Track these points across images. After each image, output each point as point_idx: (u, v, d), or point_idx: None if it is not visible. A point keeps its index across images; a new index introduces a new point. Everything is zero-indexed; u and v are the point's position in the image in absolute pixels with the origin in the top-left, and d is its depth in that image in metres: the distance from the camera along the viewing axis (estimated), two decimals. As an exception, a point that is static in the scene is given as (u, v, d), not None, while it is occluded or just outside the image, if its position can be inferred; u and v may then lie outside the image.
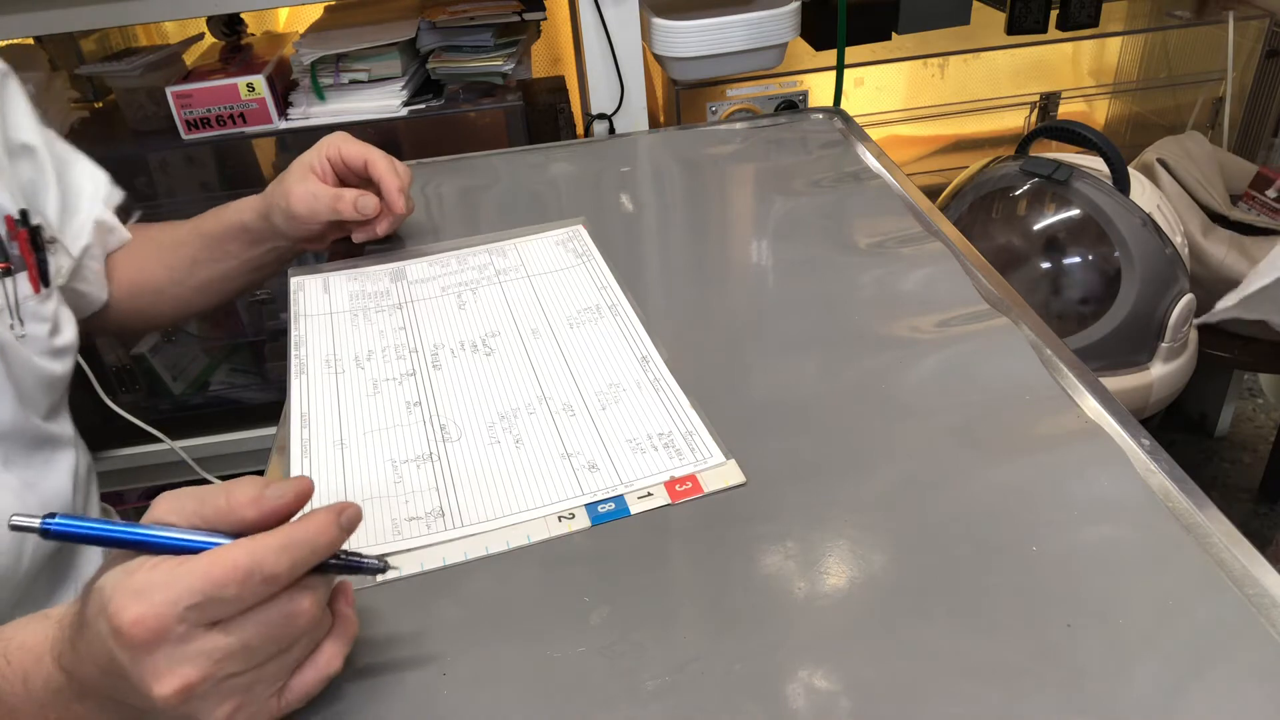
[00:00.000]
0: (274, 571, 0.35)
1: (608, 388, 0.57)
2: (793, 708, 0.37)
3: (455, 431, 0.54)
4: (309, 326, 0.64)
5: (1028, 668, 0.38)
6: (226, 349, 1.40)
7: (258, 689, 0.36)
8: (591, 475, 0.51)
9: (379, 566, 0.40)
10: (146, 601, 0.33)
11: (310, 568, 0.37)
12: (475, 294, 0.68)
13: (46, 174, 0.67)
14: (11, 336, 0.59)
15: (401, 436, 0.54)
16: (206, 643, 0.34)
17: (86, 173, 0.72)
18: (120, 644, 0.34)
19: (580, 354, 0.61)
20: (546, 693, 0.39)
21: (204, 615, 0.34)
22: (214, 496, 0.37)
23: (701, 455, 0.51)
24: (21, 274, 0.60)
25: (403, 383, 0.59)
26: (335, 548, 0.37)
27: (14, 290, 0.60)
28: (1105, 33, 1.41)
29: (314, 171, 0.69)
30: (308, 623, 0.37)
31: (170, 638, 0.34)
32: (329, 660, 0.38)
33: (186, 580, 0.34)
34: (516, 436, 0.54)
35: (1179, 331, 1.09)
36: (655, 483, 0.50)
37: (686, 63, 1.15)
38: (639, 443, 0.53)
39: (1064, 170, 1.10)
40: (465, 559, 0.46)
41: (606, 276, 0.69)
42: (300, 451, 0.53)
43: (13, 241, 0.60)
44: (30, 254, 0.61)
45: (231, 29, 1.30)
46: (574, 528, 0.47)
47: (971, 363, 0.55)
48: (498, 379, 0.59)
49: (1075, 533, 0.44)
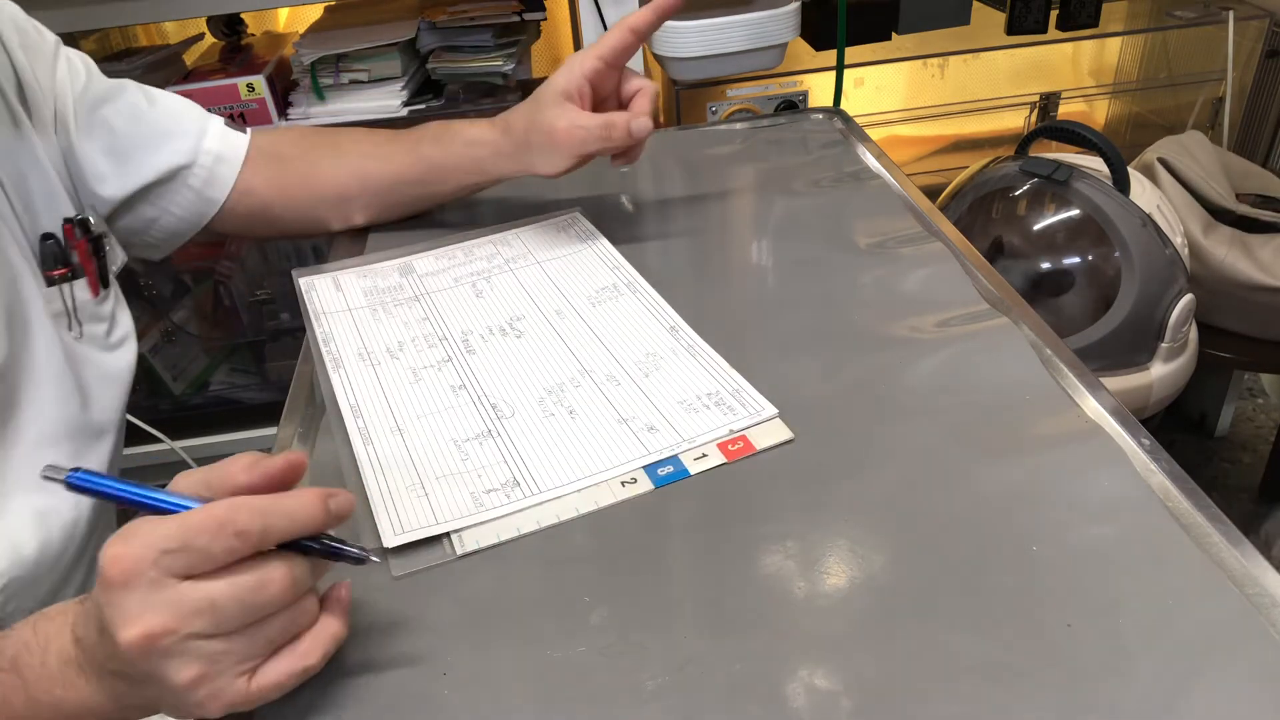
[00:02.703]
0: (246, 528, 0.35)
1: (645, 357, 0.58)
2: (793, 707, 0.37)
3: (507, 409, 0.55)
4: (332, 323, 0.65)
5: (1028, 668, 0.38)
6: (226, 349, 1.40)
7: (224, 661, 0.36)
8: (651, 436, 0.52)
9: (361, 556, 0.40)
10: (126, 543, 0.35)
11: (287, 538, 0.37)
12: (490, 282, 0.68)
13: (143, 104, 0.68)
14: (71, 339, 0.60)
15: (456, 418, 0.55)
16: (175, 592, 0.35)
17: (183, 104, 0.71)
18: (101, 585, 0.35)
19: (609, 329, 0.61)
20: (546, 693, 0.39)
21: (176, 562, 0.34)
22: (218, 466, 0.39)
23: (753, 409, 0.53)
24: (80, 280, 0.61)
25: (441, 369, 0.59)
26: (317, 527, 0.38)
27: (71, 295, 0.60)
28: (1105, 33, 1.41)
29: (570, 99, 0.64)
30: (278, 592, 0.36)
31: (143, 580, 0.34)
32: (306, 652, 0.38)
33: (165, 528, 0.35)
34: (570, 408, 0.55)
35: (1179, 331, 1.09)
36: (713, 439, 0.51)
37: (686, 63, 1.16)
38: (690, 403, 0.54)
39: (1064, 170, 1.10)
40: (539, 527, 0.47)
41: (616, 257, 0.70)
42: (361, 441, 0.53)
43: (72, 249, 0.61)
44: (90, 260, 0.62)
45: (231, 29, 1.30)
46: (637, 491, 0.49)
47: (971, 363, 0.55)
48: (535, 358, 0.59)
49: (1075, 533, 0.44)
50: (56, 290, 0.59)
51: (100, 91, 0.66)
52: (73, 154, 0.64)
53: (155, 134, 0.68)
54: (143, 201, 0.68)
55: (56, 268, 0.59)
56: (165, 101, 0.70)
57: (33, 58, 0.62)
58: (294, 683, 0.38)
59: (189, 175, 0.69)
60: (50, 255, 0.59)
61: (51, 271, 0.59)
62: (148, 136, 0.67)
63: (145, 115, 0.67)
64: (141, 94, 0.68)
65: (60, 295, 0.59)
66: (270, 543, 0.37)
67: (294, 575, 0.37)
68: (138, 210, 0.69)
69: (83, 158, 0.64)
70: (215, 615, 0.35)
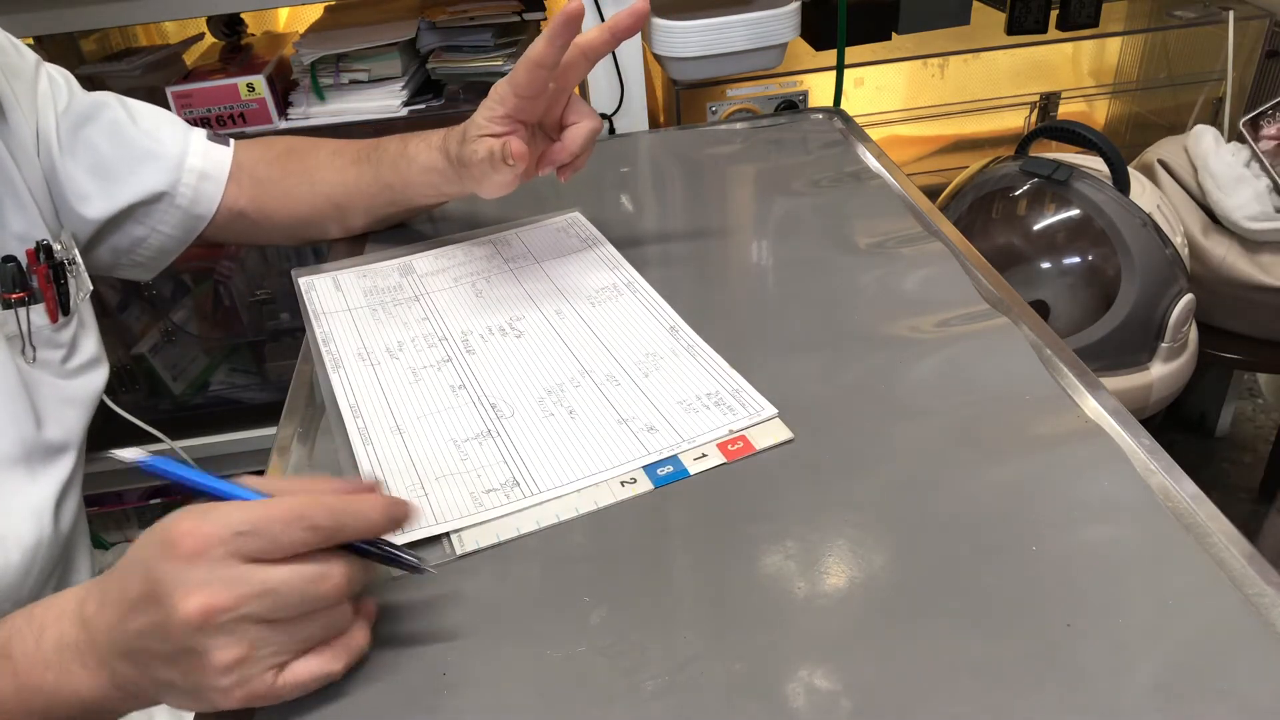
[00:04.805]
0: (319, 523, 0.37)
1: (645, 358, 0.58)
2: (793, 707, 0.37)
3: (507, 409, 0.55)
4: (332, 323, 0.65)
5: (1028, 668, 0.38)
6: (226, 349, 1.40)
7: (265, 649, 0.37)
8: (651, 436, 0.52)
9: (417, 565, 0.41)
10: (202, 519, 0.36)
11: (354, 536, 0.39)
12: (489, 282, 0.68)
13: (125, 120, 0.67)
14: (23, 362, 0.59)
15: (456, 418, 0.55)
16: (241, 572, 0.36)
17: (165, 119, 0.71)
18: (167, 553, 0.36)
19: (609, 329, 0.61)
20: (546, 693, 0.39)
21: (247, 545, 0.36)
22: (290, 481, 0.42)
23: (753, 409, 0.53)
24: (38, 305, 0.61)
25: (441, 369, 0.59)
26: (380, 529, 0.39)
27: (27, 320, 0.60)
28: (1105, 33, 1.41)
29: (486, 134, 0.62)
30: (332, 590, 0.38)
31: (212, 556, 0.36)
32: (333, 658, 0.39)
33: (243, 512, 0.36)
34: (569, 408, 0.55)
35: (1179, 331, 1.09)
36: (713, 439, 0.51)
37: (686, 63, 1.15)
38: (689, 403, 0.54)
39: (1064, 170, 1.10)
40: (539, 527, 0.47)
41: (616, 257, 0.70)
42: (360, 440, 0.53)
43: (32, 274, 0.60)
44: (49, 286, 0.61)
45: (231, 29, 1.30)
46: (637, 491, 0.49)
47: (971, 363, 0.55)
48: (534, 358, 0.59)
49: (1075, 533, 0.44)
50: (11, 313, 0.59)
51: (82, 109, 0.66)
52: (54, 174, 0.64)
53: (139, 152, 0.68)
54: (129, 220, 0.68)
55: (14, 290, 0.59)
56: (147, 117, 0.70)
57: (11, 78, 0.62)
58: (314, 686, 0.39)
59: (175, 195, 0.69)
60: (9, 277, 0.59)
61: (8, 294, 0.59)
62: (131, 155, 0.67)
63: (128, 133, 0.67)
64: (123, 110, 0.68)
65: (15, 318, 0.59)
66: (338, 540, 0.38)
67: (350, 574, 0.38)
68: (125, 229, 0.69)
69: (65, 178, 0.64)
70: (273, 600, 0.36)
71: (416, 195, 0.72)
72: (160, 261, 0.72)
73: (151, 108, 0.71)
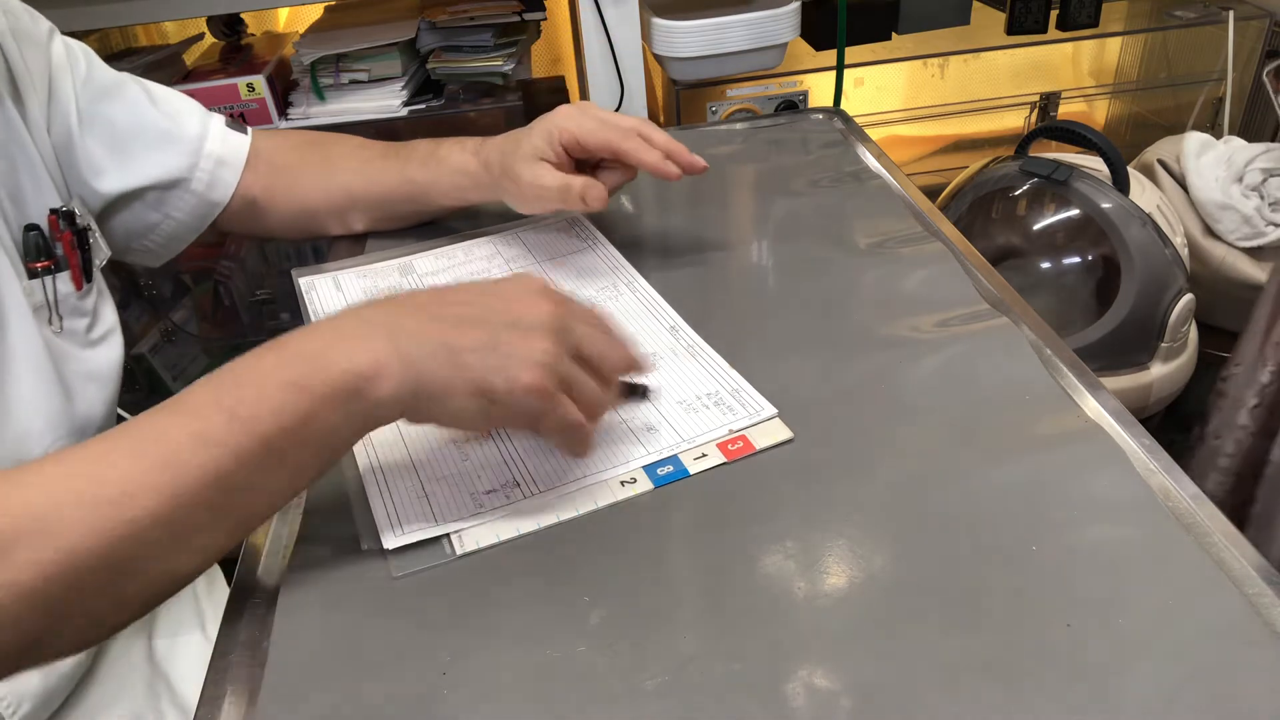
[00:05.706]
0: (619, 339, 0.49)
1: (645, 357, 0.58)
2: (793, 707, 0.37)
3: None
4: None
5: (1028, 668, 0.38)
6: (226, 349, 1.40)
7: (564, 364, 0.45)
8: (651, 436, 0.52)
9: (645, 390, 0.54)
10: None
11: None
12: None
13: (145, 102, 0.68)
14: (50, 333, 0.59)
15: None
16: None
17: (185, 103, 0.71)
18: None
19: None
20: (546, 693, 0.39)
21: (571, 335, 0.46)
22: None
23: (752, 409, 0.53)
24: (64, 273, 0.60)
25: None
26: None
27: (54, 288, 0.59)
28: (1105, 33, 1.41)
29: (544, 158, 0.65)
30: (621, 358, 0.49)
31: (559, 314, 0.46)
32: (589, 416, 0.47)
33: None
34: None
35: (1179, 331, 1.09)
36: (713, 439, 0.51)
37: (686, 63, 1.16)
38: (689, 403, 0.54)
39: (1064, 170, 1.10)
40: (539, 527, 0.47)
41: (617, 257, 0.70)
42: (360, 441, 0.53)
43: (57, 241, 0.60)
44: (74, 253, 0.61)
45: (231, 29, 1.30)
46: (637, 491, 0.49)
47: (971, 363, 0.55)
48: None
49: (1075, 533, 0.44)
50: (38, 282, 0.58)
51: (102, 84, 0.65)
52: (69, 145, 0.63)
53: (157, 133, 0.67)
54: (142, 203, 0.68)
55: (39, 259, 0.58)
56: (168, 100, 0.69)
57: (23, 43, 0.61)
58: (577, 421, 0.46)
59: (191, 180, 0.69)
60: (33, 246, 0.58)
61: (34, 264, 0.58)
62: (150, 135, 0.67)
63: (148, 113, 0.67)
64: (144, 90, 0.68)
65: (42, 288, 0.58)
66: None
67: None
68: (137, 211, 0.68)
69: (80, 150, 0.64)
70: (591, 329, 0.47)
71: (439, 196, 0.72)
72: (172, 248, 0.72)
73: (172, 91, 0.71)
